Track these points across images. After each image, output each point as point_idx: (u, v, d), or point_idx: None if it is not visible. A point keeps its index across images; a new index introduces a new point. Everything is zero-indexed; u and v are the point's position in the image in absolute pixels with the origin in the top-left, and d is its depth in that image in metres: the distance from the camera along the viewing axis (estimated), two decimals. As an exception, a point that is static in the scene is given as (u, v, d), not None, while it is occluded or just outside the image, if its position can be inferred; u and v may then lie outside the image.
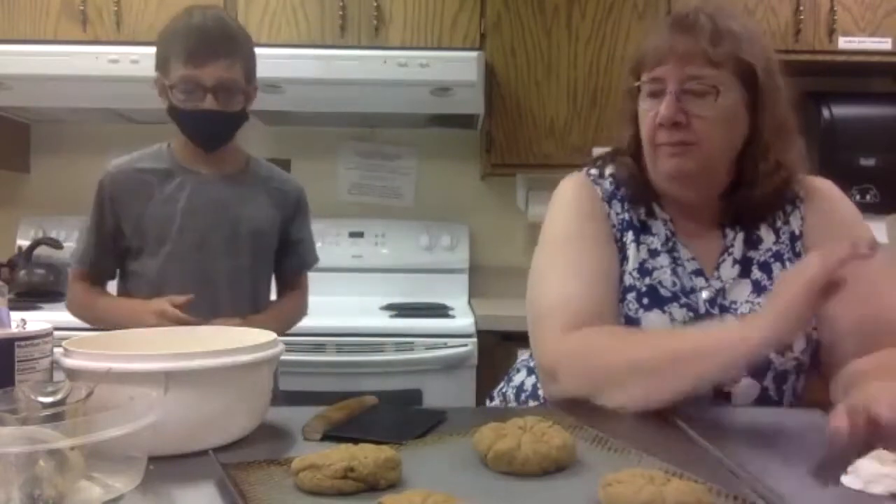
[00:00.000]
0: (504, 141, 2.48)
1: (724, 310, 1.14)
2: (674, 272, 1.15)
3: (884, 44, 2.43)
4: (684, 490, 0.67)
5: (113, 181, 1.59)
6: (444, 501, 0.66)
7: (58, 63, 2.24)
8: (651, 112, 1.11)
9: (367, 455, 0.76)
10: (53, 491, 0.67)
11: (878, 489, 0.75)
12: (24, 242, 2.59)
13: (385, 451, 0.77)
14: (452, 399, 2.00)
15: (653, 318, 1.12)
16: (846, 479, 0.78)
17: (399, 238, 2.72)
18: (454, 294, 2.67)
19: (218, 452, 0.83)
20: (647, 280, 1.14)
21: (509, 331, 2.17)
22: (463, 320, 2.21)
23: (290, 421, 0.98)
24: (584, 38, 2.45)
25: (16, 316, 0.95)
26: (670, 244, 1.17)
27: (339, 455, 0.76)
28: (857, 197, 2.54)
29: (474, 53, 2.33)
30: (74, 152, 2.79)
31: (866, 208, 2.57)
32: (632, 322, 1.12)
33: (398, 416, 1.04)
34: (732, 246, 1.17)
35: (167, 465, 0.78)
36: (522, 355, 1.41)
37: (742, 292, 1.15)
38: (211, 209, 1.59)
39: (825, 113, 2.52)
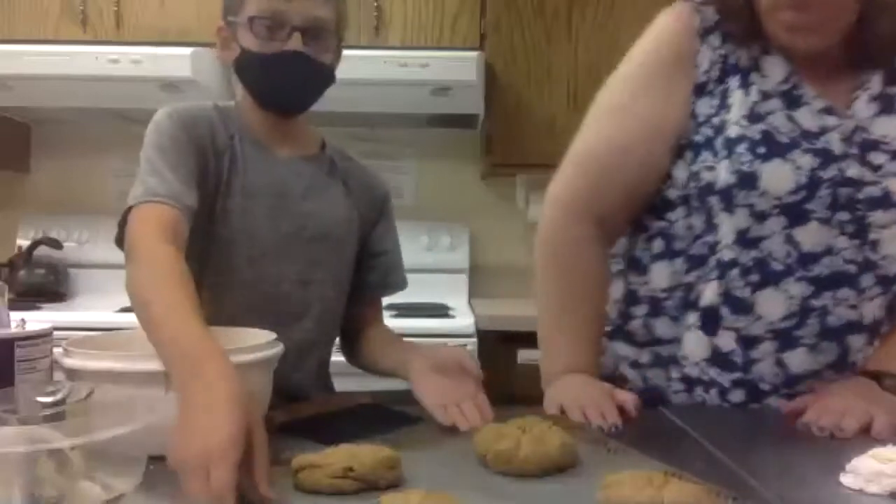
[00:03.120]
0: (504, 141, 2.48)
1: (868, 147, 0.99)
2: (790, 118, 1.00)
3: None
4: (683, 491, 0.67)
5: (191, 120, 1.14)
6: (442, 501, 0.66)
7: (58, 63, 2.24)
8: None
9: (366, 455, 0.76)
10: (54, 491, 0.68)
11: (876, 488, 0.75)
12: (24, 242, 2.59)
13: (384, 451, 0.77)
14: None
15: (772, 169, 0.97)
16: (846, 479, 0.78)
17: (399, 238, 2.71)
18: (454, 294, 2.66)
19: (218, 452, 0.83)
20: (761, 126, 0.99)
21: (509, 331, 2.16)
22: (463, 320, 2.20)
23: (290, 421, 0.98)
24: (584, 38, 2.45)
25: (16, 316, 0.95)
26: (791, 82, 1.01)
27: (339, 455, 0.76)
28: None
29: (474, 53, 2.33)
30: (74, 152, 2.79)
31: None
32: (747, 178, 0.98)
33: (365, 419, 1.04)
34: (869, 81, 1.02)
35: (167, 465, 0.78)
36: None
37: (890, 127, 1.00)
38: (270, 195, 1.17)
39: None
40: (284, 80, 1.15)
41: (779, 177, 0.97)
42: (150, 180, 1.04)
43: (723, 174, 1.00)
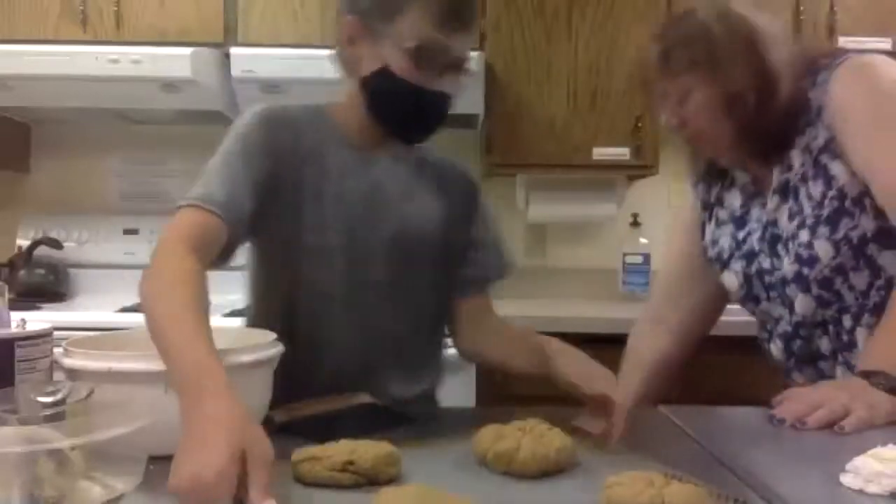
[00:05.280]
0: (504, 141, 2.48)
1: (775, 242, 1.21)
2: (732, 234, 1.28)
3: (884, 44, 2.43)
4: (684, 493, 0.67)
5: (276, 124, 1.11)
6: (441, 496, 0.66)
7: (58, 63, 2.24)
8: None
9: (367, 449, 0.76)
10: (54, 491, 0.68)
11: (876, 488, 0.75)
12: (24, 242, 2.59)
13: (385, 447, 0.77)
14: (452, 399, 1.99)
15: (726, 278, 1.30)
16: (845, 479, 0.78)
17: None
18: (454, 294, 2.66)
19: (218, 452, 0.82)
20: (715, 249, 1.32)
21: (509, 331, 2.16)
22: (463, 320, 2.20)
23: (290, 421, 0.98)
24: (584, 38, 2.45)
25: (16, 316, 0.95)
26: (745, 207, 1.28)
27: (339, 448, 0.76)
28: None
29: (474, 54, 2.32)
30: (74, 152, 2.79)
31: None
32: (722, 286, 1.32)
33: (365, 418, 1.05)
34: (772, 176, 1.22)
35: (167, 465, 0.78)
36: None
37: (783, 217, 1.20)
38: (367, 200, 1.15)
39: (825, 113, 2.51)
40: (421, 117, 1.14)
41: (730, 283, 1.29)
42: (211, 182, 1.03)
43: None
